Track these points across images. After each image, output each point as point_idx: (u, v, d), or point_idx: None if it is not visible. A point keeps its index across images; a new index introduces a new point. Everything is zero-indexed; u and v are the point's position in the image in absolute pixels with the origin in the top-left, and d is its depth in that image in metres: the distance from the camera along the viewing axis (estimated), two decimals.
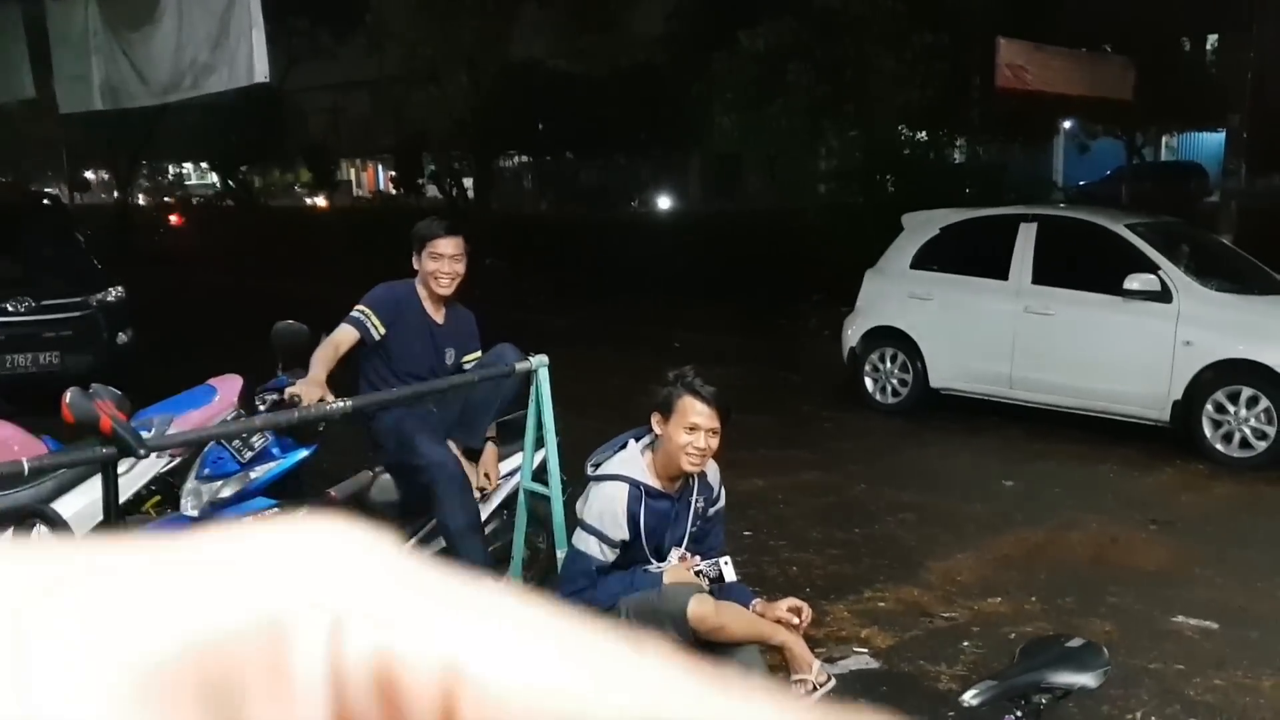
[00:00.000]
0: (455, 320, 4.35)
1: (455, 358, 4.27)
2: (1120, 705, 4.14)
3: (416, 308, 4.23)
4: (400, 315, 4.16)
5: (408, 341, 4.16)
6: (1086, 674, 2.05)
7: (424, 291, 4.24)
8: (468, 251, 4.27)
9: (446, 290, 4.21)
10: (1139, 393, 7.86)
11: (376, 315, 4.11)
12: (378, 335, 4.09)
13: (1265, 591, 5.25)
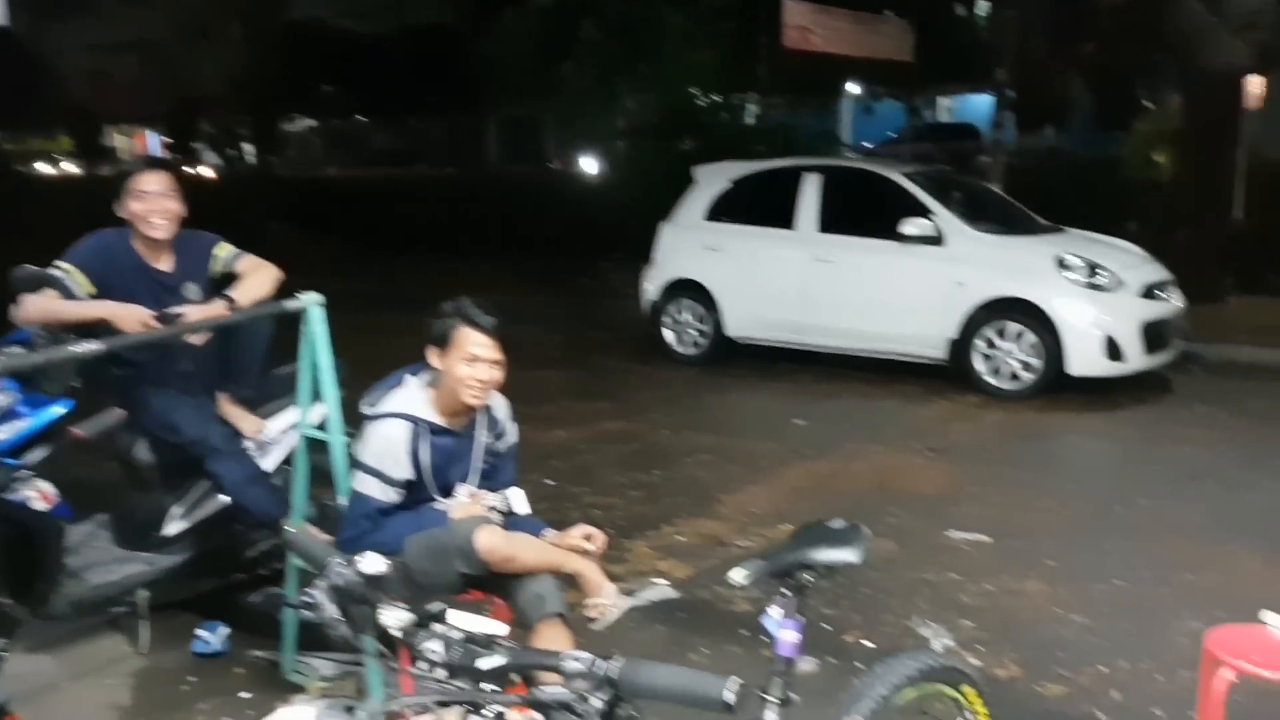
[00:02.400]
0: (185, 259, 3.91)
1: (201, 296, 3.87)
2: (900, 613, 4.35)
3: (134, 260, 3.81)
4: (114, 269, 3.74)
5: (132, 298, 3.66)
6: (849, 551, 2.13)
7: (139, 241, 3.82)
8: (177, 190, 3.81)
9: (160, 233, 3.79)
10: (918, 333, 8.26)
11: (83, 273, 3.65)
12: (85, 298, 3.61)
13: (1029, 506, 5.62)
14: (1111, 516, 5.47)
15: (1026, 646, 4.06)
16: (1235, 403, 7.70)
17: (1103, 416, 7.50)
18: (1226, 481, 5.97)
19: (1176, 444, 6.73)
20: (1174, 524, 5.31)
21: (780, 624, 2.12)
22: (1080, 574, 4.71)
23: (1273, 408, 7.56)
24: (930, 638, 4.13)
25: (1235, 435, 6.88)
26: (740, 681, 1.40)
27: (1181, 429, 7.10)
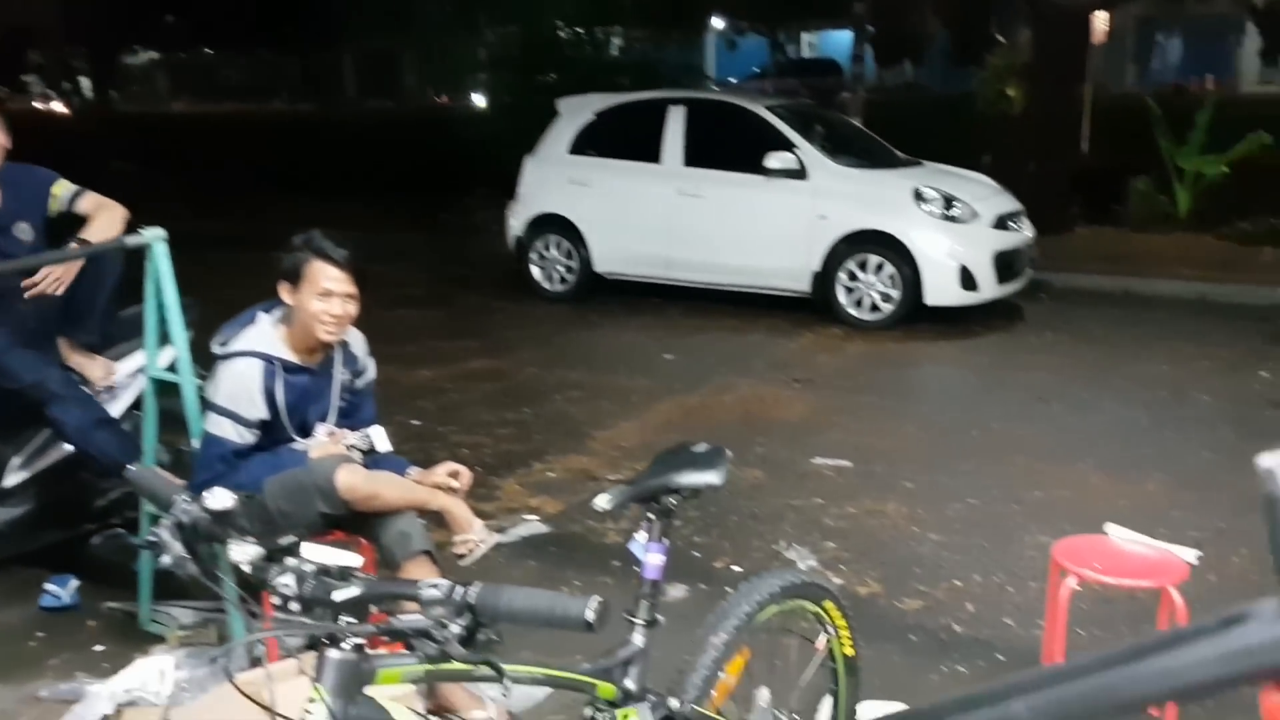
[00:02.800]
0: (16, 196, 3.66)
1: (34, 235, 3.65)
2: (768, 538, 4.45)
3: None
4: None
5: None
6: (711, 473, 2.14)
7: None
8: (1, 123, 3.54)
9: None
10: (783, 267, 8.37)
11: None
12: None
13: (889, 431, 5.79)
14: (966, 440, 5.67)
15: (886, 565, 4.20)
16: (1081, 328, 8.06)
17: (958, 345, 7.75)
18: (1073, 403, 6.25)
19: (1026, 369, 7.01)
20: (1024, 445, 5.54)
21: (645, 548, 2.12)
22: (937, 495, 4.88)
23: (1115, 333, 7.94)
24: (796, 560, 4.23)
25: (1080, 359, 7.21)
26: (600, 599, 1.39)
27: (1031, 355, 7.40)
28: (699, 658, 2.16)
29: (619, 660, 2.04)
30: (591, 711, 2.01)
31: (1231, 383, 6.60)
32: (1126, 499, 4.80)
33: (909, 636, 3.67)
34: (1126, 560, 3.05)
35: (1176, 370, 6.86)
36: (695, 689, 2.14)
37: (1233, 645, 0.52)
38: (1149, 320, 8.35)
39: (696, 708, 2.13)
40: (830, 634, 2.46)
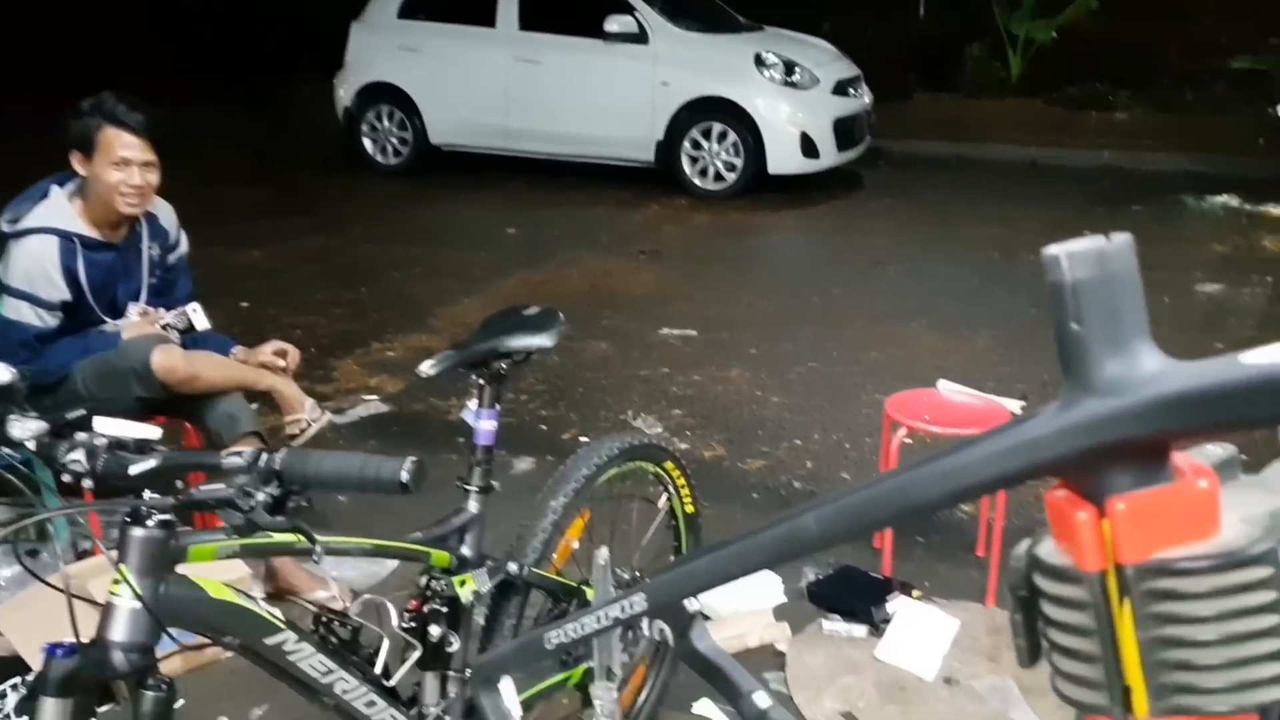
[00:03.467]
0: None
1: None
2: (616, 409, 4.43)
3: None
4: None
5: None
6: (542, 335, 2.06)
7: None
8: None
9: None
10: (627, 136, 8.23)
11: None
12: None
13: (733, 300, 5.82)
14: (808, 306, 5.75)
15: (731, 429, 4.25)
16: (917, 194, 8.23)
17: (800, 213, 7.82)
18: (908, 267, 6.40)
19: (865, 235, 7.13)
20: (862, 308, 5.66)
21: (476, 414, 2.05)
22: (779, 360, 4.95)
23: (950, 197, 8.14)
24: (643, 428, 4.24)
25: (916, 224, 7.37)
26: (415, 460, 1.32)
27: (870, 220, 7.52)
28: (537, 522, 2.12)
29: (453, 528, 1.98)
30: (426, 579, 1.95)
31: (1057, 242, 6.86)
32: (958, 356, 4.96)
33: (752, 494, 3.74)
34: (954, 411, 3.14)
35: (1007, 232, 7.08)
36: (535, 552, 2.10)
37: (1013, 442, 0.50)
38: (982, 184, 8.58)
39: (536, 570, 2.10)
40: (671, 493, 2.45)
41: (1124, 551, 0.49)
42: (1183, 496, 0.49)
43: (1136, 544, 0.49)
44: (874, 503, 0.60)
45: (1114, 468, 0.49)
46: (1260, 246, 6.93)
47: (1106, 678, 0.50)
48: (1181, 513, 0.49)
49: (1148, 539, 0.49)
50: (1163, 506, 0.48)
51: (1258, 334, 5.22)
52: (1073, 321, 0.50)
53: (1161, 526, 0.49)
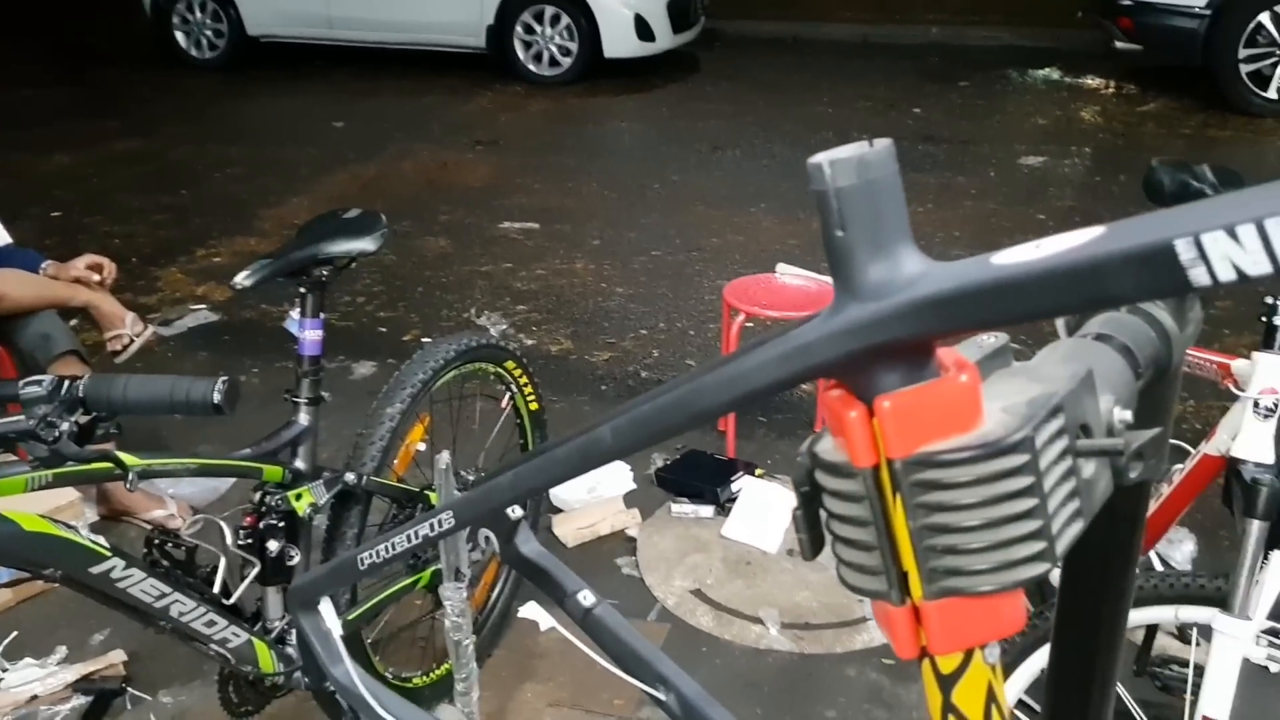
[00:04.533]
0: None
1: None
2: (458, 308, 4.37)
3: None
4: None
5: None
6: (364, 239, 2.00)
7: None
8: None
9: None
10: (456, 21, 7.95)
11: None
12: None
13: (574, 190, 5.77)
14: (648, 193, 5.75)
15: (576, 321, 4.25)
16: (753, 75, 8.24)
17: (638, 98, 7.74)
18: (746, 150, 6.44)
19: (703, 119, 7.13)
20: (702, 194, 5.68)
21: (301, 324, 1.99)
22: (622, 250, 4.95)
23: (785, 78, 8.17)
24: (487, 326, 4.20)
25: (753, 106, 7.40)
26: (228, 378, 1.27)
27: (707, 104, 7.51)
28: (374, 430, 2.09)
29: (284, 441, 1.94)
30: (260, 495, 1.91)
31: (889, 121, 7.00)
32: (796, 238, 5.05)
33: (600, 386, 3.76)
34: (789, 295, 3.22)
35: (840, 112, 7.18)
36: (373, 460, 2.08)
37: (787, 348, 0.51)
38: (816, 64, 8.64)
39: (376, 478, 2.08)
40: (514, 392, 2.44)
41: (892, 446, 0.50)
42: (945, 392, 0.50)
43: (903, 439, 0.50)
44: (664, 411, 0.60)
45: (881, 367, 0.50)
46: (1079, 118, 7.22)
47: (884, 565, 0.52)
48: (945, 407, 0.50)
49: (913, 434, 0.50)
50: (926, 402, 0.50)
51: (1075, 203, 5.47)
52: (837, 229, 0.50)
53: (926, 421, 0.50)
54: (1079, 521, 0.52)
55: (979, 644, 0.53)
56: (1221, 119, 6.76)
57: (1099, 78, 8.04)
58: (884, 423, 0.50)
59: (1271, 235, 0.38)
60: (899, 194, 0.51)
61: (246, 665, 1.87)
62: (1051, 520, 0.50)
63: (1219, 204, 0.40)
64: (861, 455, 0.51)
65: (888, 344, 0.50)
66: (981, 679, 0.54)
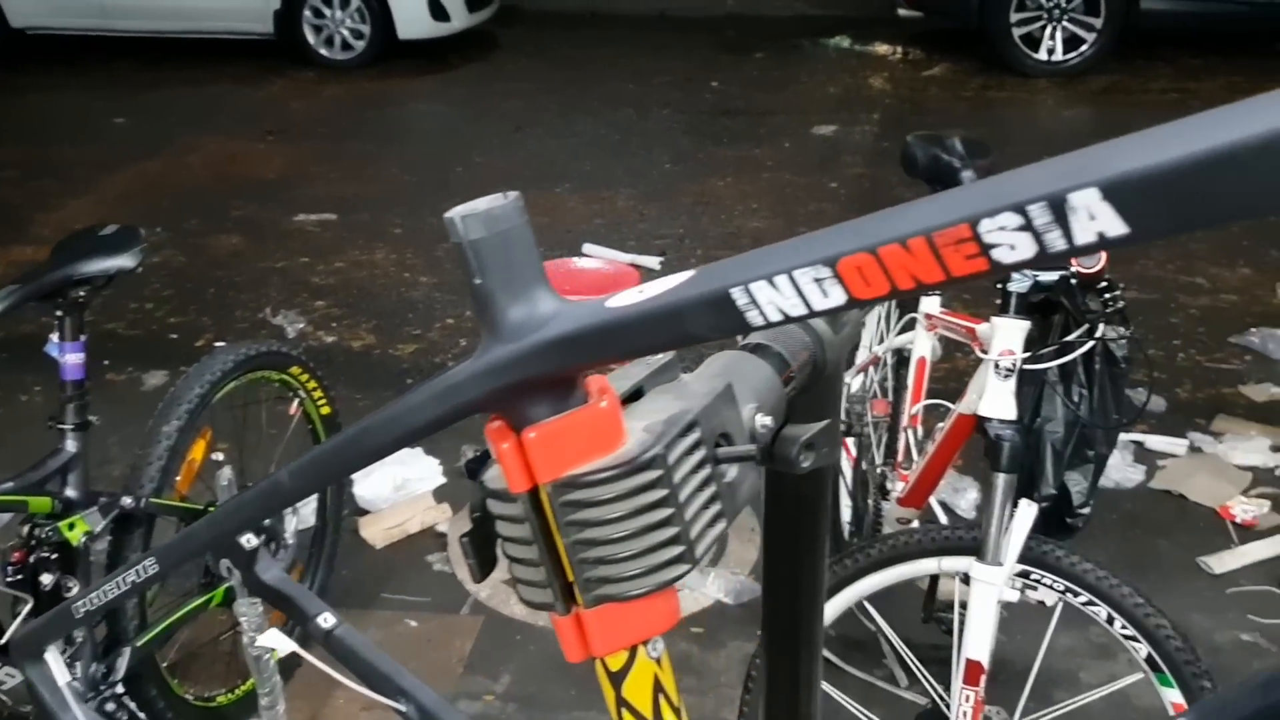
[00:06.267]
0: None
1: None
2: (253, 307, 4.24)
3: None
4: None
5: None
6: (122, 256, 1.92)
7: None
8: None
9: None
10: (240, 7, 7.64)
11: None
12: None
13: (372, 177, 5.65)
14: (450, 176, 5.68)
15: (380, 315, 4.18)
16: (554, 52, 8.22)
17: (436, 79, 7.62)
18: (548, 128, 6.44)
19: (504, 98, 7.08)
20: (506, 175, 5.65)
21: (61, 348, 1.90)
22: (424, 237, 4.88)
23: (585, 54, 8.19)
24: (284, 325, 4.08)
25: (554, 84, 7.39)
26: None
27: (508, 83, 7.46)
28: (151, 450, 2.02)
29: (50, 471, 1.85)
30: (29, 528, 1.83)
31: (688, 94, 7.11)
32: (601, 217, 5.10)
33: (406, 380, 3.72)
34: (589, 278, 3.24)
35: (640, 87, 7.25)
36: (152, 481, 2.00)
37: (441, 387, 0.55)
38: (616, 39, 8.68)
39: (156, 500, 2.01)
40: (303, 397, 2.39)
41: (541, 472, 0.54)
42: (587, 418, 0.54)
43: (549, 465, 0.54)
44: (337, 453, 0.63)
45: (527, 400, 0.54)
46: (869, 85, 7.50)
47: (548, 580, 0.55)
48: (587, 432, 0.54)
49: (558, 459, 0.54)
50: (569, 430, 0.54)
51: (865, 170, 5.69)
52: (475, 277, 0.54)
53: (570, 446, 0.54)
54: (722, 521, 0.57)
55: (639, 642, 0.58)
56: (999, 80, 7.15)
57: (887, 44, 8.36)
58: (531, 452, 0.54)
59: (799, 282, 0.43)
60: (530, 242, 0.56)
61: (25, 706, 1.79)
62: (690, 526, 0.54)
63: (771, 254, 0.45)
64: (516, 482, 0.55)
65: (529, 379, 0.54)
66: (648, 673, 0.59)
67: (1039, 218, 0.36)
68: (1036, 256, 0.37)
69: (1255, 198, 0.32)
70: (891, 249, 0.40)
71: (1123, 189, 0.34)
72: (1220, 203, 0.33)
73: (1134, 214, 0.34)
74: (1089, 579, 1.61)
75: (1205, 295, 4.17)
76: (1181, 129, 0.34)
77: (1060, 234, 0.36)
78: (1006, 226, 0.37)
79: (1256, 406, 3.45)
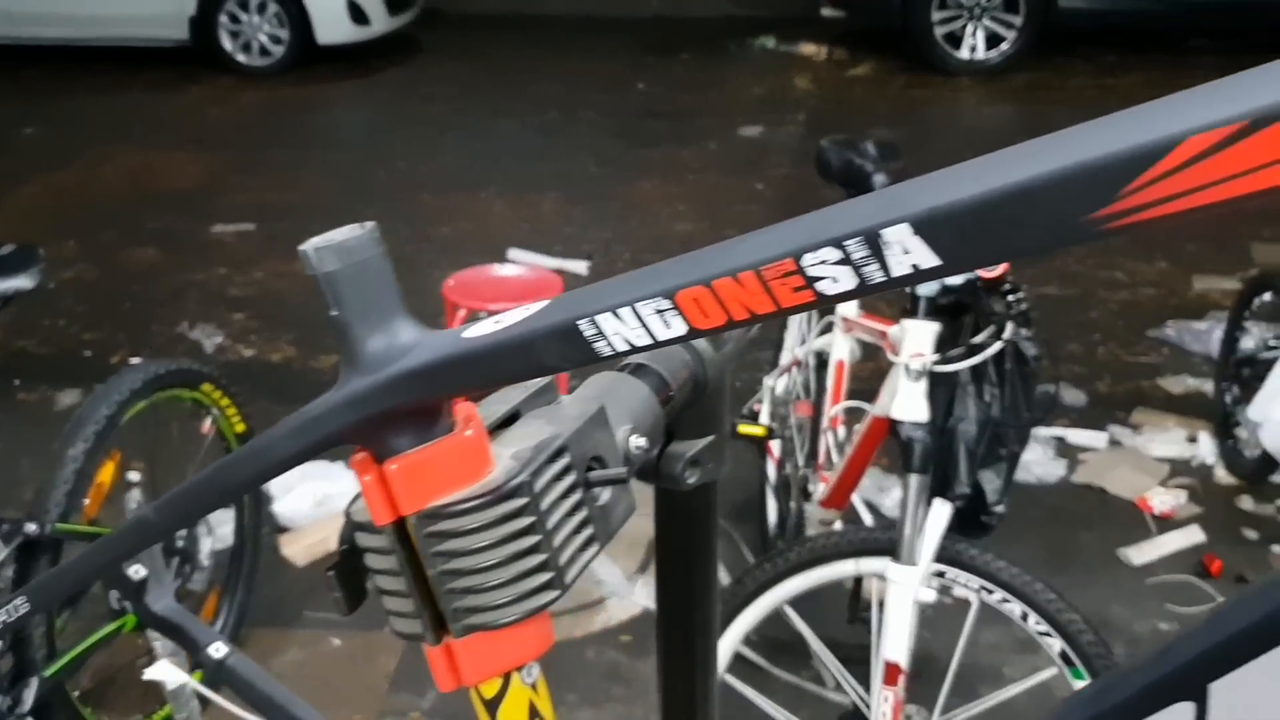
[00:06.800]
0: None
1: None
2: (169, 320, 4.14)
3: None
4: None
5: None
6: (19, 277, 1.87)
7: None
8: None
9: None
10: (153, 13, 7.47)
11: None
12: None
13: (292, 185, 5.56)
14: (373, 182, 5.61)
15: (300, 327, 4.10)
16: (478, 55, 8.15)
17: (358, 84, 7.52)
18: (473, 132, 6.39)
19: (428, 102, 7.01)
20: (429, 180, 5.60)
21: None
22: None
23: (510, 57, 8.13)
24: (202, 340, 4.00)
25: (479, 87, 7.34)
26: None
27: (432, 87, 7.39)
28: (56, 474, 1.96)
29: None
30: None
31: (614, 97, 7.11)
32: (527, 222, 5.07)
33: None
34: (512, 286, 3.22)
35: (565, 90, 7.23)
36: (58, 506, 1.94)
37: (303, 420, 0.54)
38: (541, 41, 8.63)
39: (63, 525, 1.94)
40: (215, 415, 2.34)
41: (404, 504, 0.53)
42: (451, 448, 0.53)
43: (412, 496, 0.53)
44: (203, 488, 0.63)
45: (390, 432, 0.53)
46: (794, 86, 7.56)
47: (417, 610, 0.54)
48: (451, 462, 0.53)
49: (422, 490, 0.53)
50: (433, 460, 0.53)
51: (792, 170, 5.73)
52: (332, 309, 0.53)
53: (434, 477, 0.53)
54: (595, 545, 0.56)
55: (511, 669, 0.57)
56: (923, 79, 7.24)
57: (812, 44, 8.41)
58: (393, 484, 0.53)
59: (642, 314, 0.43)
60: (387, 272, 0.55)
61: None
62: (559, 552, 0.54)
63: (617, 286, 0.45)
64: (380, 514, 0.54)
65: (390, 410, 0.52)
66: (522, 699, 0.59)
67: (856, 252, 0.37)
68: (858, 288, 0.38)
69: (1049, 232, 0.34)
70: (725, 282, 0.41)
71: (930, 224, 0.35)
72: (1020, 236, 0.34)
73: (943, 247, 0.36)
74: (1003, 577, 1.63)
75: (1124, 290, 4.26)
76: (985, 165, 0.35)
77: (878, 267, 0.37)
78: (827, 260, 0.38)
79: (1174, 399, 3.53)
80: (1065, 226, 0.33)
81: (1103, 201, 0.32)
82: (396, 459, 0.52)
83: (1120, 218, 0.32)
